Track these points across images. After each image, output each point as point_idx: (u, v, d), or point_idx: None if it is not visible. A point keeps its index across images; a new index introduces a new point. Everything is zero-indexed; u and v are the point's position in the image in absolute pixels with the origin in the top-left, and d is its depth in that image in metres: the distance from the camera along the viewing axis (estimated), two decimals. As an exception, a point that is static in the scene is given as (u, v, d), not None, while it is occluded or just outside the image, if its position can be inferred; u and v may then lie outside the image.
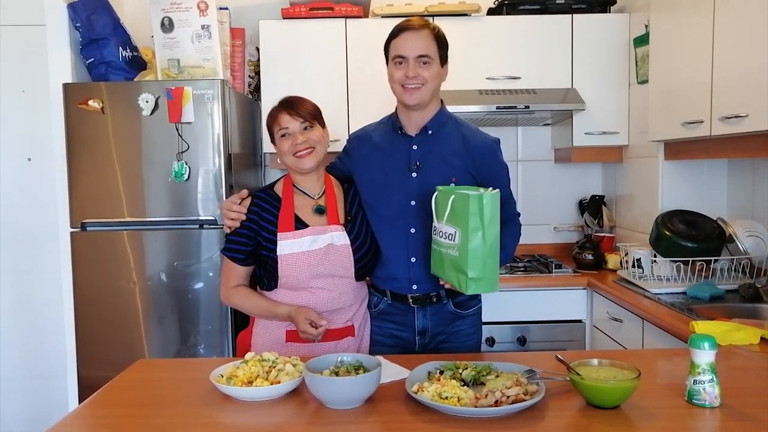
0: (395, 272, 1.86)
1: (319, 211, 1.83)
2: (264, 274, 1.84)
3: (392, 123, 1.91)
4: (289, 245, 1.76)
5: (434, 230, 1.70)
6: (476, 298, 1.94)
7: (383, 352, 1.83)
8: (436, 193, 1.70)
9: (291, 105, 1.81)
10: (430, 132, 1.85)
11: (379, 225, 1.88)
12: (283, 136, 1.80)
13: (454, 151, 1.84)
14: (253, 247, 1.80)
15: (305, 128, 1.80)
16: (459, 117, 1.95)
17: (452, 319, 1.89)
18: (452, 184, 1.76)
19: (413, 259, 1.84)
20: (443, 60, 1.83)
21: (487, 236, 1.57)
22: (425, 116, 1.86)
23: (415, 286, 1.85)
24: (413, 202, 1.83)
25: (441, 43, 1.81)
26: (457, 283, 1.62)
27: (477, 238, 1.57)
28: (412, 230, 1.84)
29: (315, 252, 1.77)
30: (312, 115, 1.82)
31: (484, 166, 1.84)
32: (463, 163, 1.83)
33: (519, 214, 1.94)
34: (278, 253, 1.76)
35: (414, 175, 1.83)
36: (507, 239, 1.76)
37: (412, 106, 1.82)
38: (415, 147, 1.85)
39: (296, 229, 1.78)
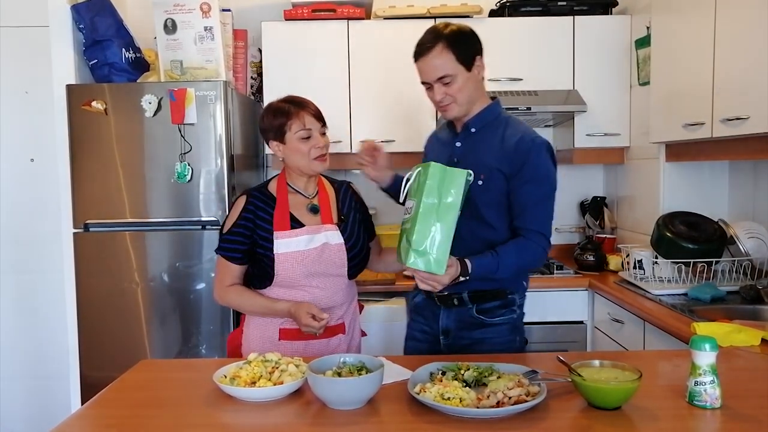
0: None
1: (314, 210, 1.84)
2: (258, 273, 1.83)
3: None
4: (285, 244, 1.77)
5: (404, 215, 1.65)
6: (506, 307, 1.82)
7: (414, 346, 1.87)
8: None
9: (309, 106, 1.81)
10: (473, 130, 1.81)
11: None
12: (305, 137, 1.78)
13: (491, 149, 1.76)
14: (250, 246, 1.80)
15: (323, 133, 1.82)
16: (515, 117, 1.85)
17: (477, 326, 1.82)
18: (480, 182, 1.72)
19: None
20: (468, 63, 1.72)
21: (442, 210, 1.49)
22: (469, 116, 1.82)
23: None
24: None
25: (459, 48, 1.71)
26: (403, 256, 1.53)
27: (431, 206, 1.49)
28: None
29: (311, 251, 1.78)
30: (324, 119, 1.83)
31: (514, 166, 1.72)
32: (497, 162, 1.73)
33: (544, 236, 1.73)
34: (275, 252, 1.76)
35: None
36: (512, 252, 1.69)
37: (453, 119, 1.82)
38: (458, 144, 1.83)
39: (292, 227, 1.79)
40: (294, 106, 1.79)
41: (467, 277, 1.63)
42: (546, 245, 1.73)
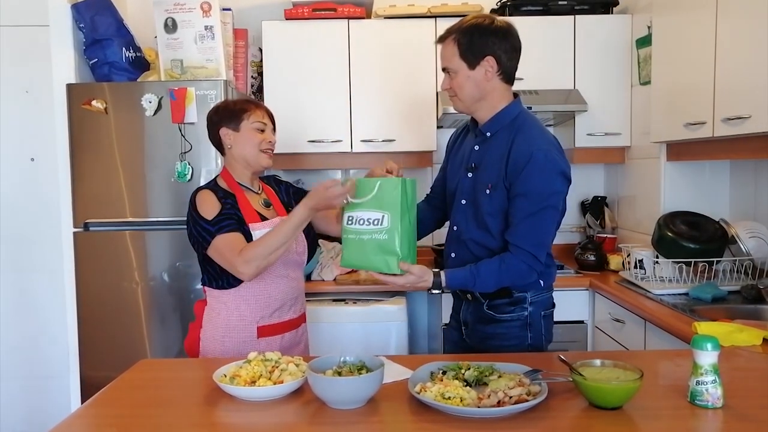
0: (444, 264, 1.91)
1: (267, 204, 1.91)
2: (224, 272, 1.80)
3: (472, 120, 1.86)
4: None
5: (350, 220, 1.66)
6: (516, 304, 1.79)
7: (449, 333, 1.98)
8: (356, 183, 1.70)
9: (264, 107, 1.91)
10: (488, 134, 1.77)
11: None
12: (260, 129, 1.85)
13: (500, 157, 1.72)
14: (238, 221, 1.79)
15: (272, 131, 1.91)
16: (530, 119, 1.78)
17: (488, 322, 1.82)
18: (487, 191, 1.73)
19: (453, 255, 1.87)
20: (471, 61, 1.70)
21: (411, 218, 1.65)
22: (482, 117, 1.79)
23: None
24: (464, 201, 1.82)
25: (464, 44, 1.70)
26: (385, 266, 1.63)
27: (405, 218, 1.62)
28: (455, 228, 1.86)
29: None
30: (275, 123, 1.94)
31: (511, 178, 1.68)
32: (502, 172, 1.70)
33: (529, 253, 1.67)
34: None
35: (469, 175, 1.80)
36: (494, 268, 1.68)
37: (458, 111, 1.83)
38: (476, 147, 1.80)
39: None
40: (253, 103, 1.89)
41: (440, 289, 1.71)
42: (531, 262, 1.68)
